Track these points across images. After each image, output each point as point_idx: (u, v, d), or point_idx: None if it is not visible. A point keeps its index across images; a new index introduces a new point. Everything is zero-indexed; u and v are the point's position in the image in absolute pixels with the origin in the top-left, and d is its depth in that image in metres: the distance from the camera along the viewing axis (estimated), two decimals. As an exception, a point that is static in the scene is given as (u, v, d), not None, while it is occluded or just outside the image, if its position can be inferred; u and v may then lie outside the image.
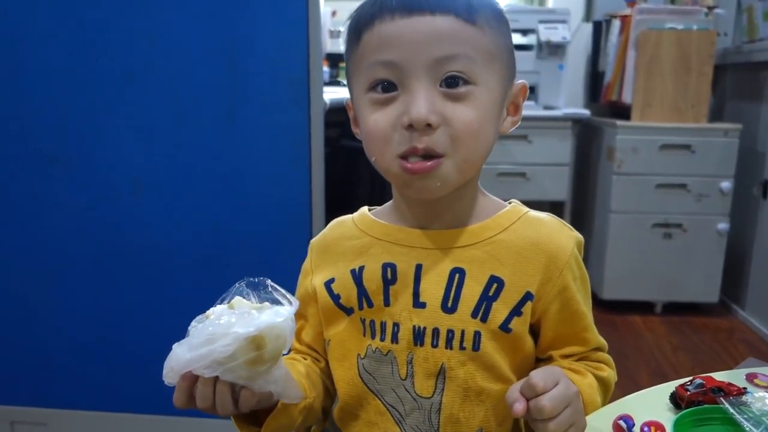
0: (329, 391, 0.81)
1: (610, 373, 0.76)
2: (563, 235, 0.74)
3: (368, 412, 0.76)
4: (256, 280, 0.67)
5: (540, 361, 0.77)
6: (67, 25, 1.41)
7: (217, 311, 0.63)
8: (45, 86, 1.44)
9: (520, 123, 0.76)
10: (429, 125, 0.65)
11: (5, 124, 1.47)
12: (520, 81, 0.75)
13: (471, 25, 0.66)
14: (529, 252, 0.72)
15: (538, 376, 0.60)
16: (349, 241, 0.78)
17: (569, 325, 0.74)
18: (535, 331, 0.75)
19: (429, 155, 0.66)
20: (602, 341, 0.78)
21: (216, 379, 0.63)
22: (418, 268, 0.73)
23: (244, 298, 0.66)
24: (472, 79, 0.66)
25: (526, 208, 0.77)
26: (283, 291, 0.66)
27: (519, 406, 0.59)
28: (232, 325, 0.60)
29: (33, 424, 1.61)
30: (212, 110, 1.43)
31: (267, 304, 0.65)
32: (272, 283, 0.67)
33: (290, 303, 0.65)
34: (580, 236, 0.76)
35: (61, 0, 1.40)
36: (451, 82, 0.66)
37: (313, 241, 0.83)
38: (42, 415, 1.60)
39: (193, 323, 0.65)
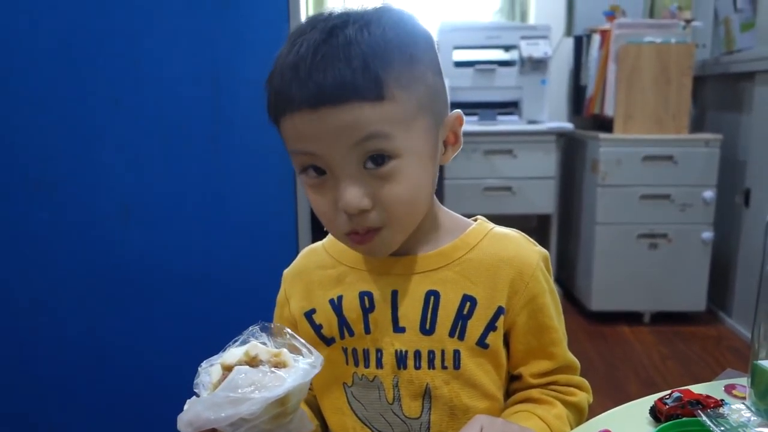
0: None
1: (582, 396, 0.76)
2: (528, 249, 0.76)
3: None
4: (271, 325, 0.68)
5: (513, 379, 0.78)
6: (52, 50, 1.41)
7: (240, 368, 0.61)
8: (31, 111, 1.44)
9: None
10: (363, 210, 0.66)
11: (-9, 151, 1.47)
12: (453, 112, 0.73)
13: (380, 102, 0.62)
14: (497, 268, 0.74)
15: None
16: (324, 270, 0.79)
17: (537, 338, 0.75)
18: (506, 343, 0.76)
19: (369, 231, 0.68)
20: (572, 360, 0.78)
21: None
22: (394, 294, 0.74)
23: (258, 341, 0.65)
24: (393, 153, 0.65)
25: (491, 224, 0.78)
26: (303, 341, 0.66)
27: None
28: (258, 385, 0.59)
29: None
30: (197, 133, 1.44)
31: (284, 350, 0.64)
32: (290, 331, 0.67)
33: (311, 353, 0.65)
34: (545, 251, 0.77)
35: (46, 25, 1.40)
36: (375, 159, 0.65)
37: (285, 271, 0.84)
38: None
39: (203, 365, 0.64)
